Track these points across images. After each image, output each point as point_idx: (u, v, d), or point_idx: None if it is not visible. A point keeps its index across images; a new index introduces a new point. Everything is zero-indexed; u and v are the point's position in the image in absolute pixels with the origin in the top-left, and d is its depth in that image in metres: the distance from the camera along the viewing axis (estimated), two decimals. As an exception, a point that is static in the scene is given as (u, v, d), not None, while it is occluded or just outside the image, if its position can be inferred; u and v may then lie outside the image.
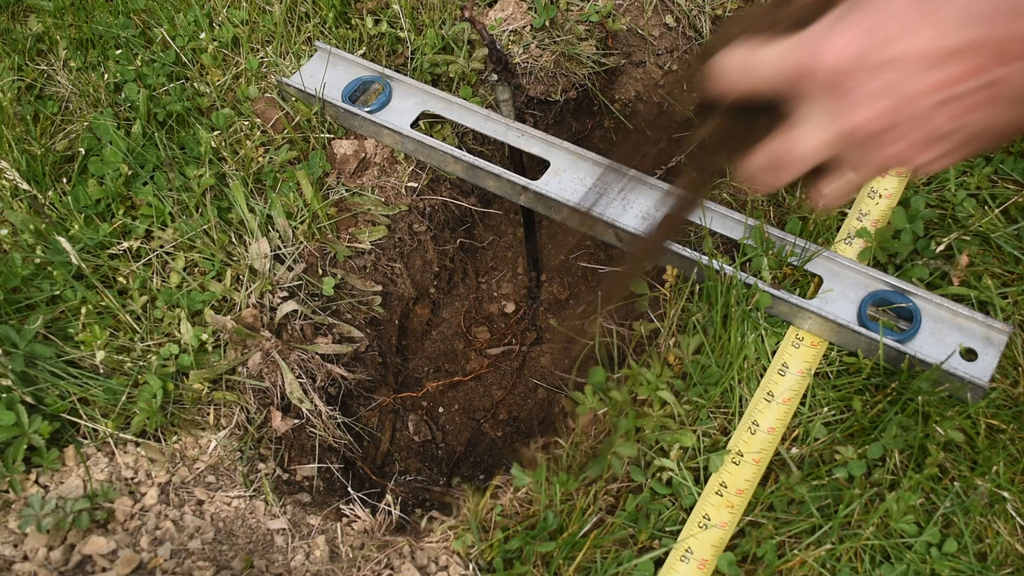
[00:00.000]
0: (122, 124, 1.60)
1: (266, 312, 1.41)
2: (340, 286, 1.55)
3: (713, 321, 1.27)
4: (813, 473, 1.17)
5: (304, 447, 1.45)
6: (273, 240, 1.48)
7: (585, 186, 1.45)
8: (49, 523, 1.11)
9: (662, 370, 1.25)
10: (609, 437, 1.25)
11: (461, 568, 1.17)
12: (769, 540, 1.12)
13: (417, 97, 1.62)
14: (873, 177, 0.70)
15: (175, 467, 1.27)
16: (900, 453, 1.16)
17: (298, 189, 1.53)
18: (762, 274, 1.31)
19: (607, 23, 1.84)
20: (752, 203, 1.47)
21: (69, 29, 1.82)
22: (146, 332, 1.36)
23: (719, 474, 1.17)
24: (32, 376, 1.24)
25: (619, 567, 1.12)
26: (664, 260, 1.39)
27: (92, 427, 1.25)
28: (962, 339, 1.23)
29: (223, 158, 1.58)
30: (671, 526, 1.16)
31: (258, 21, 1.78)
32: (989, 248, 1.34)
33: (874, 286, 1.29)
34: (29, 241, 1.41)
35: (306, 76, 1.64)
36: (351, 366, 1.60)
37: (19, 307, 1.35)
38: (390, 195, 1.63)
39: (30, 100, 1.68)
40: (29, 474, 1.21)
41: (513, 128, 1.54)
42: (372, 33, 1.74)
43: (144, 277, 1.42)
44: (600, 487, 1.20)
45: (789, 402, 1.22)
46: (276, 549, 1.19)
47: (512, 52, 1.77)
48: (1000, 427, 1.17)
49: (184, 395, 1.31)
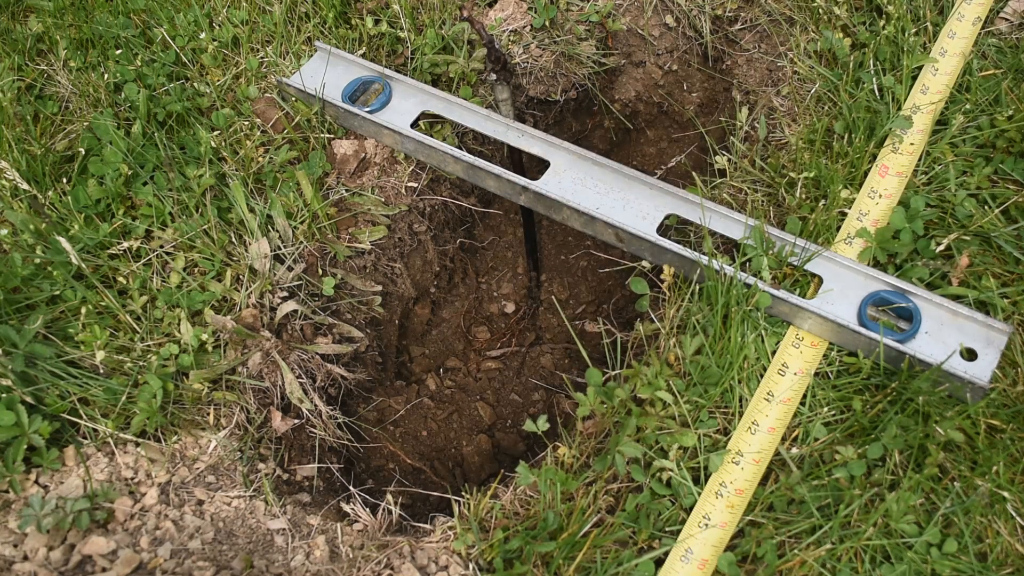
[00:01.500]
0: (122, 124, 1.60)
1: (266, 312, 1.41)
2: (340, 286, 1.55)
3: (713, 321, 1.27)
4: (813, 473, 1.17)
5: (304, 447, 1.45)
6: (273, 240, 1.48)
7: (585, 186, 1.45)
8: (49, 523, 1.11)
9: (662, 369, 1.25)
10: (610, 437, 1.25)
11: (461, 568, 1.17)
12: (769, 540, 1.12)
13: (417, 97, 1.62)
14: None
15: (175, 467, 1.27)
16: (900, 453, 1.16)
17: (298, 189, 1.53)
18: (762, 274, 1.31)
19: (607, 23, 1.84)
20: (752, 203, 1.47)
21: (69, 29, 1.82)
22: (146, 332, 1.36)
23: (719, 474, 1.17)
24: (32, 376, 1.25)
25: (619, 567, 1.12)
26: (664, 260, 1.39)
27: (92, 427, 1.25)
28: (962, 339, 1.23)
29: (223, 158, 1.58)
30: (671, 526, 1.16)
31: (258, 21, 1.78)
32: (989, 248, 1.34)
33: (874, 286, 1.29)
34: (29, 241, 1.41)
35: (306, 76, 1.64)
36: (351, 366, 1.60)
37: (19, 307, 1.35)
38: (390, 195, 1.63)
39: (30, 100, 1.68)
40: (29, 474, 1.21)
41: (513, 128, 1.54)
42: (372, 33, 1.74)
43: (144, 277, 1.42)
44: (600, 487, 1.20)
45: (789, 402, 1.22)
46: (276, 549, 1.19)
47: (512, 52, 1.77)
48: (1000, 427, 1.17)
49: (184, 395, 1.31)
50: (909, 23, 1.58)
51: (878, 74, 1.54)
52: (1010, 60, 1.53)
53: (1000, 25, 1.61)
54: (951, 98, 1.51)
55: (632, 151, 2.21)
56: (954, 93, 1.52)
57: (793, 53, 1.66)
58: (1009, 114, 1.44)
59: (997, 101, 1.48)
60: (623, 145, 2.21)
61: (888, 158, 1.43)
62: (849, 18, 1.65)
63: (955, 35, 1.57)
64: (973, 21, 1.59)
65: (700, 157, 2.02)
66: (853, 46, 1.62)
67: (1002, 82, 1.49)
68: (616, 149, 2.22)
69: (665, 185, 1.42)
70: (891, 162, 1.43)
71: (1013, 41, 1.57)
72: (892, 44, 1.58)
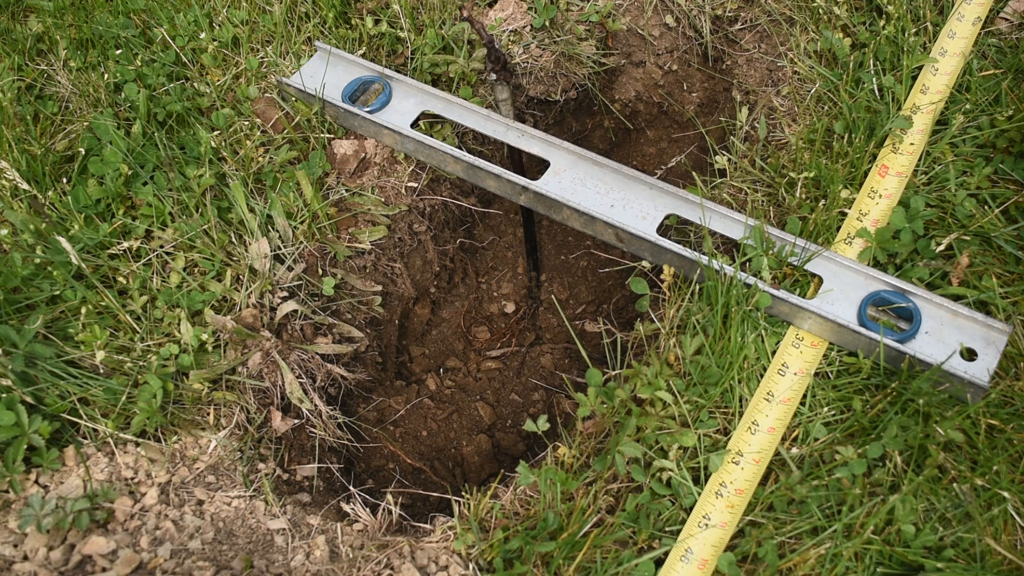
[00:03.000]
0: (122, 124, 1.60)
1: (266, 312, 1.41)
2: (340, 286, 1.55)
3: (713, 321, 1.27)
4: (813, 473, 1.17)
5: (304, 447, 1.45)
6: (273, 240, 1.48)
7: (585, 186, 1.45)
8: (49, 523, 1.11)
9: (662, 369, 1.25)
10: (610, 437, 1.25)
11: (461, 568, 1.17)
12: (769, 540, 1.12)
13: (417, 97, 1.62)
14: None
15: (175, 467, 1.27)
16: (900, 454, 1.16)
17: (298, 189, 1.53)
18: (762, 274, 1.31)
19: (607, 23, 1.84)
20: (752, 203, 1.47)
21: (69, 29, 1.81)
22: (146, 332, 1.36)
23: (719, 474, 1.17)
24: (32, 376, 1.24)
25: (619, 567, 1.12)
26: (664, 260, 1.39)
27: (92, 427, 1.25)
28: (962, 339, 1.23)
29: (223, 158, 1.58)
30: (671, 526, 1.16)
31: (258, 21, 1.78)
32: (989, 248, 1.34)
33: (874, 286, 1.29)
34: (29, 241, 1.41)
35: (306, 76, 1.64)
36: (351, 366, 1.60)
37: (19, 307, 1.35)
38: (390, 195, 1.63)
39: (30, 100, 1.68)
40: (29, 474, 1.21)
41: (513, 128, 1.54)
42: (372, 33, 1.74)
43: (144, 277, 1.42)
44: (600, 487, 1.20)
45: (789, 402, 1.22)
46: (276, 549, 1.19)
47: (512, 52, 1.77)
48: (1000, 427, 1.17)
49: (184, 395, 1.31)
50: (909, 23, 1.58)
51: (878, 74, 1.54)
52: (1010, 60, 1.53)
53: (1000, 25, 1.61)
54: (951, 98, 1.51)
55: (632, 151, 2.21)
56: (954, 93, 1.52)
57: (793, 53, 1.66)
58: (1009, 114, 1.44)
59: (997, 101, 1.48)
60: (623, 145, 2.21)
61: (888, 158, 1.43)
62: (849, 18, 1.65)
63: (955, 35, 1.57)
64: (973, 21, 1.59)
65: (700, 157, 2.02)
66: (853, 46, 1.62)
67: (1002, 82, 1.49)
68: (616, 149, 2.22)
69: (665, 185, 1.42)
70: (891, 162, 1.43)
71: (1013, 41, 1.57)
72: (892, 44, 1.58)
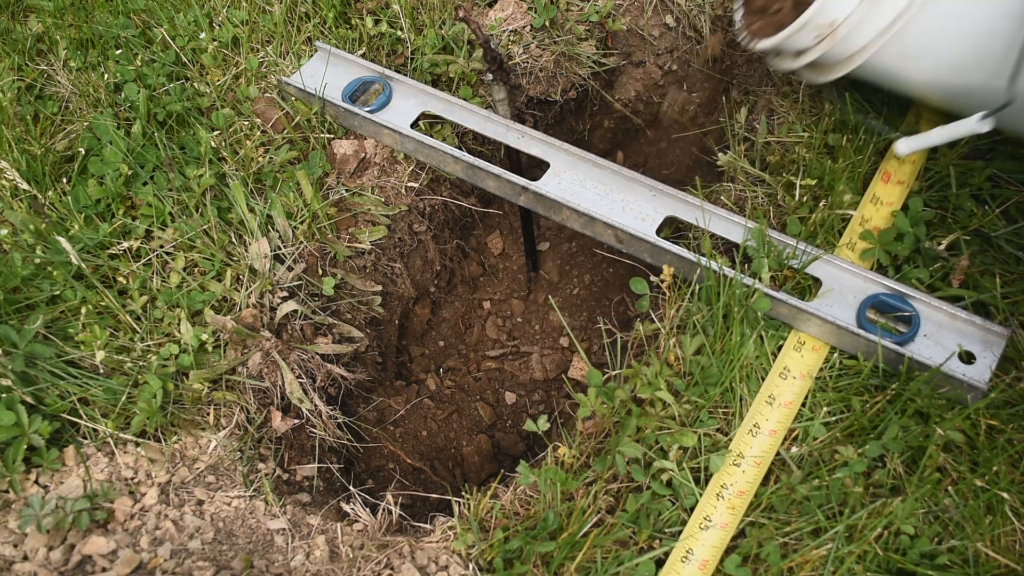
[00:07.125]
0: (122, 124, 1.60)
1: (266, 312, 1.41)
2: (340, 286, 1.55)
3: (713, 320, 1.28)
4: (813, 473, 1.17)
5: (304, 447, 1.46)
6: (273, 240, 1.48)
7: (585, 187, 1.45)
8: (49, 523, 1.11)
9: (662, 369, 1.25)
10: (610, 437, 1.25)
11: (461, 568, 1.17)
12: (771, 541, 1.12)
13: (417, 97, 1.62)
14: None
15: (175, 467, 1.27)
16: (900, 455, 1.16)
17: (298, 189, 1.53)
18: (761, 276, 1.31)
19: (607, 23, 1.84)
20: (752, 204, 1.47)
21: (69, 29, 1.81)
22: (146, 332, 1.36)
23: (720, 476, 1.18)
24: (32, 376, 1.24)
25: (619, 567, 1.12)
26: (664, 261, 1.39)
27: (92, 427, 1.25)
28: (961, 341, 1.23)
29: (223, 158, 1.58)
30: (671, 526, 1.16)
31: (258, 21, 1.78)
32: (989, 248, 1.34)
33: (873, 289, 1.29)
34: (29, 241, 1.41)
35: (306, 76, 1.64)
36: (351, 366, 1.60)
37: (19, 307, 1.35)
38: (390, 195, 1.63)
39: (30, 100, 1.68)
40: (29, 474, 1.21)
41: (513, 129, 1.54)
42: (372, 33, 1.74)
43: (144, 277, 1.42)
44: (600, 487, 1.20)
45: (790, 405, 1.22)
46: (276, 549, 1.19)
47: (512, 52, 1.77)
48: (1000, 427, 1.17)
49: (184, 395, 1.31)
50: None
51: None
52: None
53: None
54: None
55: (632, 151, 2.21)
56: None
57: (793, 54, 1.66)
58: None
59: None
60: (623, 145, 2.21)
61: (890, 164, 1.43)
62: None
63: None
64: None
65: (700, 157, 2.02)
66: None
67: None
68: (616, 149, 2.22)
69: (664, 186, 1.42)
70: (892, 169, 1.43)
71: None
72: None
